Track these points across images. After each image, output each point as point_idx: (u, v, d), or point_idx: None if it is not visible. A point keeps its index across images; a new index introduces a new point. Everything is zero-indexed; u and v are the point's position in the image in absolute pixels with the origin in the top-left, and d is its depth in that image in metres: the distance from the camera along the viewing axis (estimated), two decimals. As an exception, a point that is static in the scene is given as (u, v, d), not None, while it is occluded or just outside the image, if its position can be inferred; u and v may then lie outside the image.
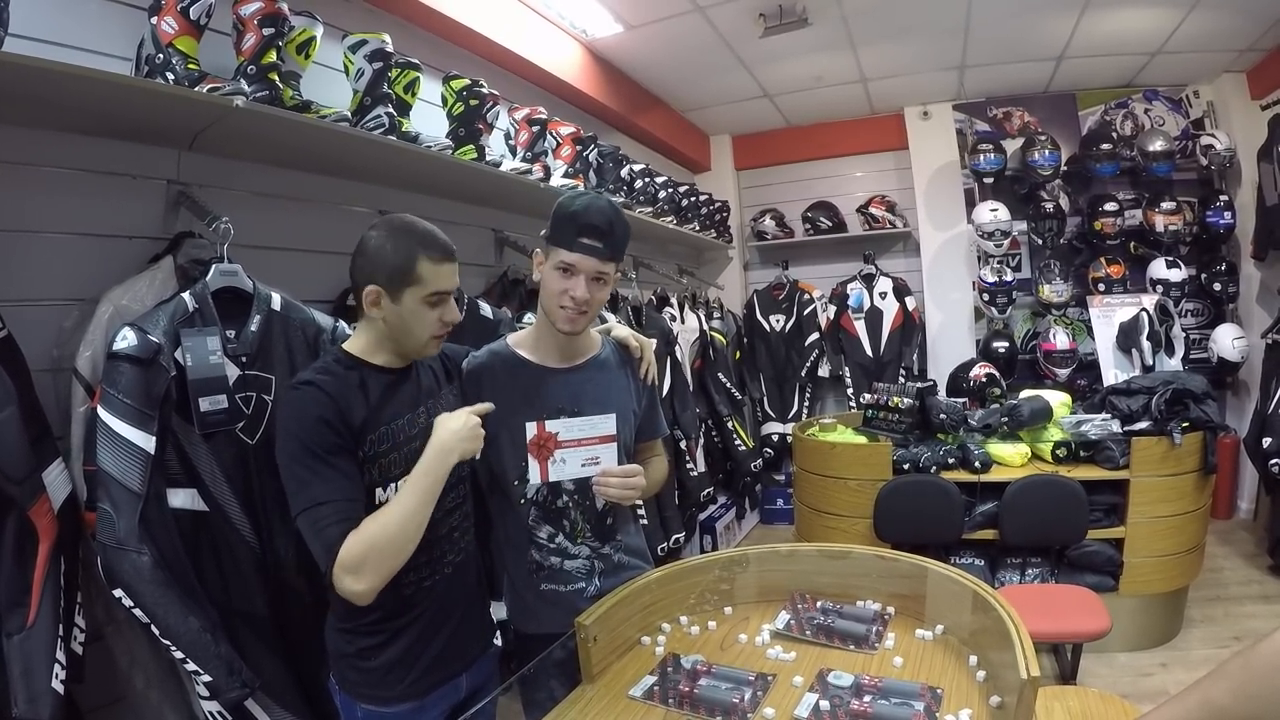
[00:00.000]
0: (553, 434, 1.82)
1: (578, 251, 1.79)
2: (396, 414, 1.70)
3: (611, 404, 1.93)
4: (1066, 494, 3.65)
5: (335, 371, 1.66)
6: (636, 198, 4.57)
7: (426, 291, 1.64)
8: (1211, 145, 5.59)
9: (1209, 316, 5.90)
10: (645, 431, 2.10)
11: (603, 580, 1.96)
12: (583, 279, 1.81)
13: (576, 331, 1.89)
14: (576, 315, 1.84)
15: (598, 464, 1.85)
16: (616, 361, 2.05)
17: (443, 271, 1.66)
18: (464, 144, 2.95)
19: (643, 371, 2.08)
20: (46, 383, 1.84)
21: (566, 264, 1.81)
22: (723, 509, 5.77)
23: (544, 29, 4.23)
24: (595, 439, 1.85)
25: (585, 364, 1.99)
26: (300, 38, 2.35)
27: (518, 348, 1.98)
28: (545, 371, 1.95)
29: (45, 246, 1.94)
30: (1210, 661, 3.59)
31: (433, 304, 1.66)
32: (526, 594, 1.97)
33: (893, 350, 6.21)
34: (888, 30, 4.89)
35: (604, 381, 1.99)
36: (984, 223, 5.73)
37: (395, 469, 1.67)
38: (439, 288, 1.66)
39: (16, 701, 1.56)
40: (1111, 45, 5.26)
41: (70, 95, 1.77)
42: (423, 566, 1.70)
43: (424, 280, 1.64)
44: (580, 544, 1.96)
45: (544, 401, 1.91)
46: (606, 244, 1.81)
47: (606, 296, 1.91)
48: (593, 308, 1.86)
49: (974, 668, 1.59)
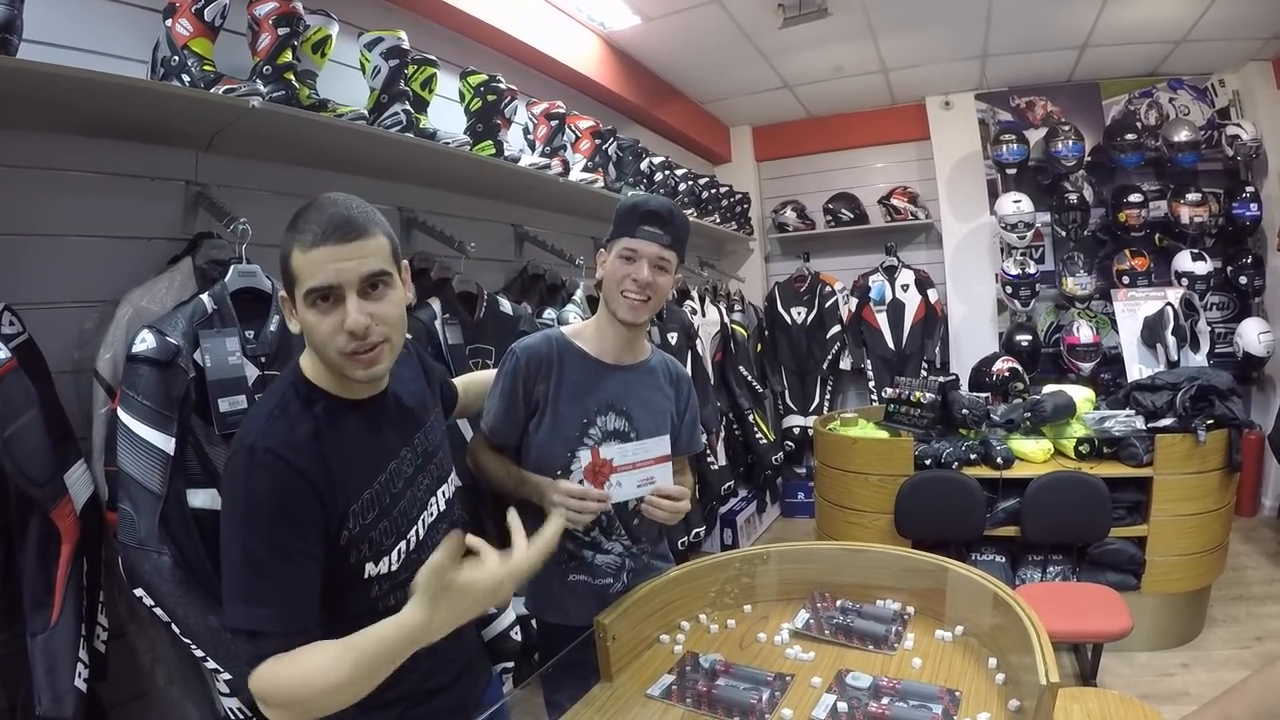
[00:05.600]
0: (608, 460, 1.85)
1: (640, 237, 1.85)
2: (378, 466, 1.39)
3: (656, 411, 1.99)
4: (1089, 491, 3.61)
5: (292, 429, 1.30)
6: (656, 190, 4.55)
7: (303, 289, 1.26)
8: (1237, 135, 5.50)
9: (1234, 310, 5.82)
10: (683, 446, 2.11)
11: (630, 579, 1.97)
12: (645, 263, 1.85)
13: (638, 322, 1.91)
14: (639, 303, 1.87)
15: (653, 483, 1.88)
16: (664, 374, 2.07)
17: (314, 259, 1.24)
18: (482, 140, 2.95)
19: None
20: (68, 384, 1.86)
21: (629, 249, 1.86)
22: (743, 502, 5.77)
23: (561, 22, 4.22)
24: (650, 460, 1.88)
25: (638, 366, 2.01)
26: (316, 36, 2.36)
27: (575, 339, 1.99)
28: (601, 366, 1.96)
29: (65, 249, 1.96)
30: (1232, 662, 3.57)
31: (318, 306, 1.27)
32: (553, 583, 1.97)
33: (915, 343, 6.16)
34: (908, 19, 4.85)
35: (652, 385, 2.02)
36: (1007, 214, 5.68)
37: (388, 539, 1.39)
38: (313, 283, 1.25)
39: (40, 700, 1.58)
40: (1135, 33, 5.19)
41: (87, 100, 1.78)
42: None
43: (298, 275, 1.26)
44: (614, 540, 1.98)
45: (595, 396, 1.93)
46: (667, 231, 1.86)
47: (667, 288, 1.93)
48: (655, 296, 1.89)
49: (993, 670, 1.58)
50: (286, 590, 1.23)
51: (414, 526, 1.45)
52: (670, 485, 1.90)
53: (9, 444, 1.55)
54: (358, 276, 1.26)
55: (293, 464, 1.26)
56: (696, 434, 2.18)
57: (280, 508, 1.24)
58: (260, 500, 1.24)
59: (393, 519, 1.40)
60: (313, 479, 1.27)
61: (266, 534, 1.22)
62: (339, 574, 1.33)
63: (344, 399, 1.38)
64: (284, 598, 1.22)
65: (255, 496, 1.24)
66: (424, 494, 1.49)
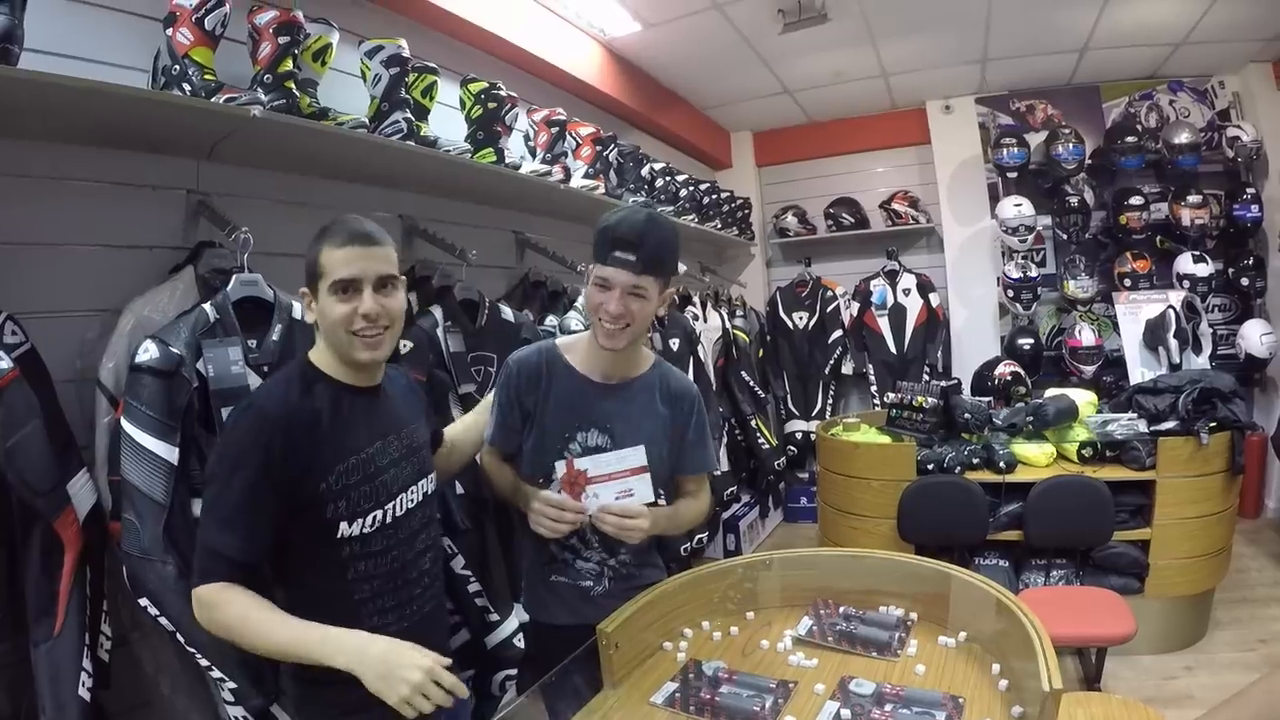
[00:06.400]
0: (582, 471, 1.85)
1: (610, 266, 1.78)
2: (366, 440, 1.60)
3: (641, 431, 1.92)
4: (1092, 495, 3.61)
5: (290, 394, 1.55)
6: (657, 196, 4.56)
7: (329, 281, 1.52)
8: (1238, 137, 5.50)
9: (1236, 312, 5.80)
10: (689, 465, 2.06)
11: (612, 584, 1.97)
12: (617, 293, 1.78)
13: (615, 348, 1.85)
14: (615, 331, 1.81)
15: (631, 495, 1.86)
16: (662, 391, 2.00)
17: (341, 256, 1.53)
18: (483, 147, 2.95)
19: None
20: (70, 393, 1.87)
21: (601, 278, 1.80)
22: (746, 508, 5.75)
23: (561, 29, 4.22)
24: (626, 471, 1.86)
25: (626, 384, 1.97)
26: (316, 45, 2.36)
27: (566, 353, 1.98)
28: (587, 384, 1.94)
29: (67, 259, 1.96)
30: (1236, 665, 3.57)
31: (339, 295, 1.53)
32: (538, 584, 2.00)
33: (916, 347, 6.16)
34: (908, 24, 4.85)
35: (642, 404, 1.97)
36: (1008, 218, 5.68)
37: (366, 503, 1.57)
38: (339, 275, 1.52)
39: (44, 709, 1.59)
40: (1135, 36, 5.19)
41: (88, 109, 1.79)
42: (389, 611, 1.62)
43: (325, 269, 1.53)
44: (591, 551, 1.97)
45: (578, 412, 1.92)
46: (639, 257, 1.77)
47: (650, 312, 1.87)
48: (635, 323, 1.82)
49: (996, 676, 1.58)
50: (251, 527, 1.46)
51: (392, 501, 1.62)
52: (649, 495, 1.88)
53: (12, 454, 1.56)
54: (375, 274, 1.55)
55: (278, 422, 1.49)
56: (706, 453, 2.09)
57: (260, 456, 1.46)
58: (245, 448, 1.47)
59: (374, 486, 1.58)
60: (293, 436, 1.49)
61: (244, 476, 1.45)
62: (313, 528, 1.53)
63: (344, 384, 1.61)
64: (249, 533, 1.46)
65: (241, 444, 1.48)
66: (406, 478, 1.66)
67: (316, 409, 1.55)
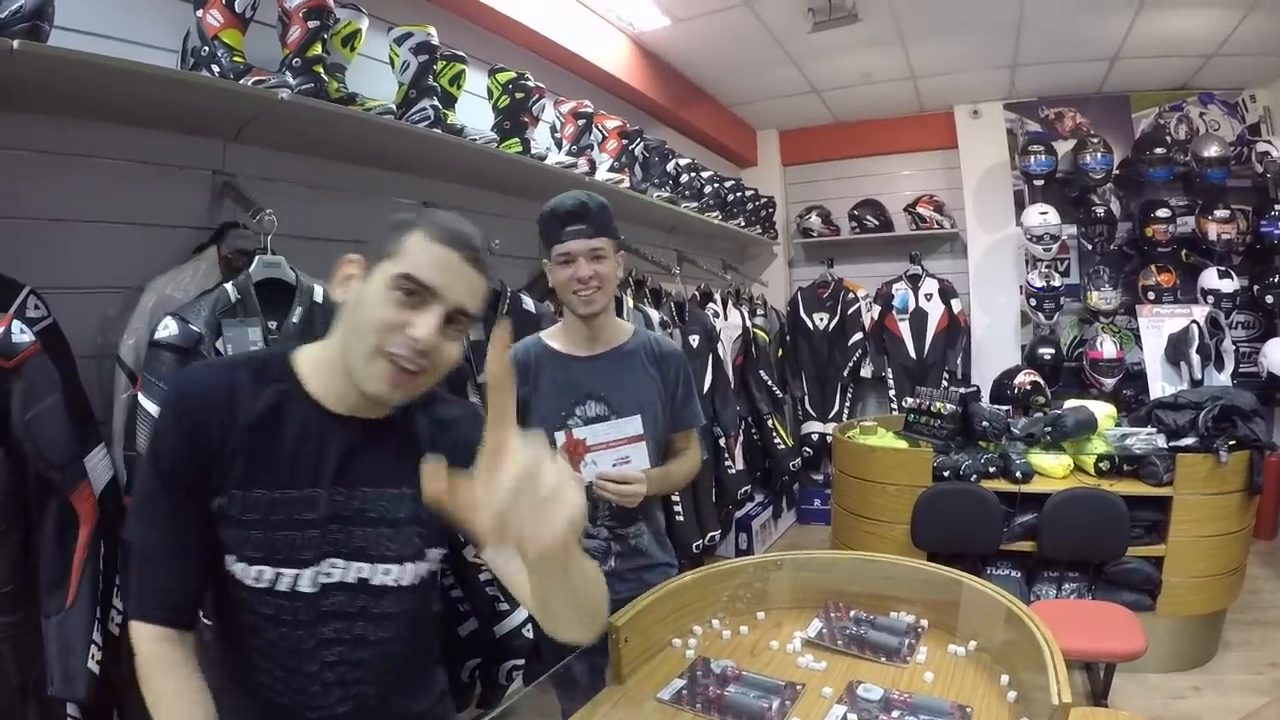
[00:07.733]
0: (581, 440, 1.99)
1: (567, 240, 1.98)
2: (288, 481, 1.20)
3: (635, 392, 2.08)
4: (1108, 509, 3.56)
5: (236, 380, 1.20)
6: (682, 192, 4.56)
7: (397, 270, 1.14)
8: (1268, 152, 5.42)
9: (1260, 329, 5.75)
10: (679, 422, 2.19)
11: (618, 562, 2.06)
12: (581, 260, 1.98)
13: (595, 310, 2.02)
14: (590, 294, 1.99)
15: (628, 462, 2.00)
16: (646, 355, 2.14)
17: (435, 253, 1.15)
18: (509, 137, 2.96)
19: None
20: (90, 369, 1.87)
21: (563, 254, 1.99)
22: (759, 507, 5.74)
23: (590, 21, 4.23)
24: (623, 440, 2.01)
25: (610, 352, 2.11)
26: (345, 30, 2.37)
27: (549, 340, 2.13)
28: (572, 361, 2.09)
29: (92, 235, 1.97)
30: (1245, 688, 3.53)
31: (399, 294, 1.13)
32: None
33: (936, 353, 6.13)
34: (939, 26, 4.82)
35: (631, 369, 2.10)
36: (1033, 226, 5.64)
37: (255, 551, 1.18)
38: (415, 271, 1.13)
39: (53, 680, 1.60)
40: (1167, 46, 5.14)
41: (117, 88, 1.79)
42: (279, 684, 1.23)
43: (402, 254, 1.15)
44: (599, 525, 2.06)
45: (570, 388, 2.06)
46: (588, 223, 1.98)
47: (614, 271, 2.05)
48: (605, 284, 2.01)
49: (1005, 687, 1.56)
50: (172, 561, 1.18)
51: (297, 570, 1.19)
52: (646, 462, 2.04)
53: (31, 426, 1.57)
54: (455, 299, 1.17)
55: (187, 407, 1.18)
56: (693, 408, 2.23)
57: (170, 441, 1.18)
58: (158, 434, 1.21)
59: (270, 538, 1.18)
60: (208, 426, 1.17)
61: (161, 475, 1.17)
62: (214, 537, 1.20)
63: (316, 402, 1.23)
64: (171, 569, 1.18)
65: (157, 431, 1.21)
66: (330, 549, 1.21)
67: (258, 412, 1.19)
